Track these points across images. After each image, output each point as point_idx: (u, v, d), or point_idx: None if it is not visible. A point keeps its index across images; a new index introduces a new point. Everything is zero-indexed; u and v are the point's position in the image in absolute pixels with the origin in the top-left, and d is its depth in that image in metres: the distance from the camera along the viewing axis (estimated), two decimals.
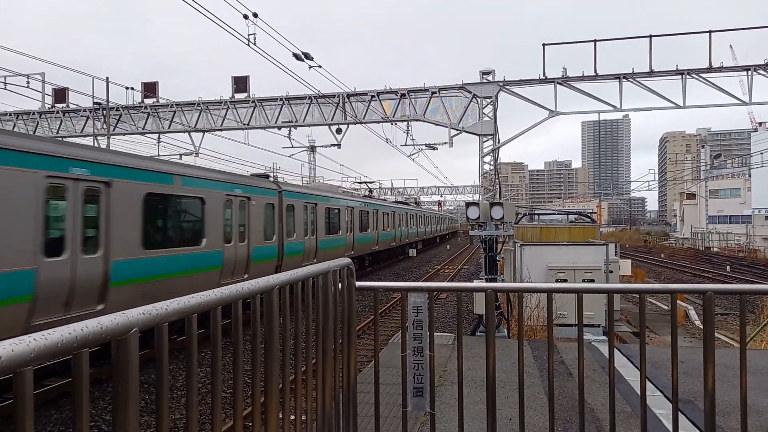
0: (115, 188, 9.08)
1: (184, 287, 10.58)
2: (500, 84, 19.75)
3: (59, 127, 24.40)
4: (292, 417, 2.53)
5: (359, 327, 13.62)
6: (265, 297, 2.22)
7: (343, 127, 22.15)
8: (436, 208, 72.20)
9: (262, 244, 14.26)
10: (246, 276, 13.25)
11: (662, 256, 47.14)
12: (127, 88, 22.66)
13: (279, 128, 22.43)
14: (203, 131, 22.98)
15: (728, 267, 34.18)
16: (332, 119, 21.60)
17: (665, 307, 19.77)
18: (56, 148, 8.33)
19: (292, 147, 25.07)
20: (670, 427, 3.13)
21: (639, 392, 2.89)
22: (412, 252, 38.83)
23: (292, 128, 22.77)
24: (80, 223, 8.50)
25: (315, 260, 17.97)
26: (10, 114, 24.96)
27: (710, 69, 18.20)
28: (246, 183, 14.00)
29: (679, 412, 2.97)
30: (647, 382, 3.02)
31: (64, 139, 20.06)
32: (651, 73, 18.48)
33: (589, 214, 23.57)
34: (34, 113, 24.64)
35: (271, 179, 16.85)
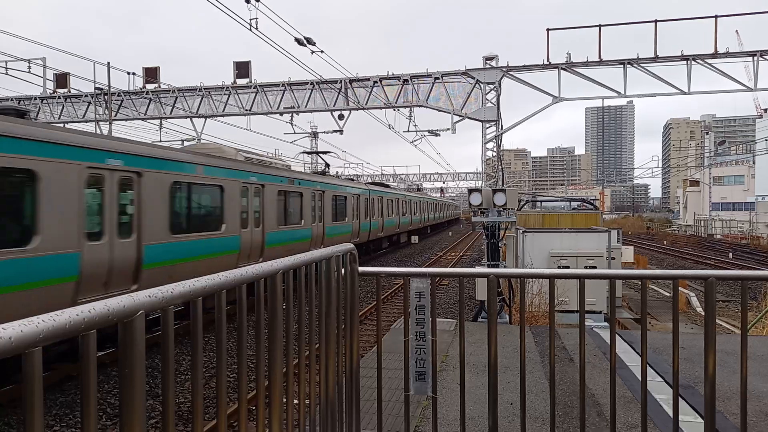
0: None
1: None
2: (504, 69, 19.62)
3: (61, 113, 24.36)
4: (296, 401, 2.56)
5: (362, 313, 13.69)
6: (269, 281, 2.23)
7: (346, 113, 22.07)
8: (439, 195, 72.14)
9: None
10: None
11: (665, 243, 47.11)
12: (128, 73, 22.60)
13: (281, 114, 22.37)
14: (205, 117, 22.92)
15: (731, 254, 34.15)
16: (334, 105, 21.52)
17: (667, 294, 19.81)
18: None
19: (294, 133, 25.06)
20: (670, 412, 3.15)
21: (640, 378, 2.91)
22: (415, 238, 38.93)
23: (294, 114, 22.71)
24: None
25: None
26: (12, 99, 24.91)
27: (716, 54, 18.06)
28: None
29: (680, 398, 2.99)
30: (648, 368, 3.04)
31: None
32: (656, 59, 18.33)
33: (591, 201, 23.53)
34: (35, 98, 24.58)
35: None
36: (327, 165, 24.94)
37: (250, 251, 13.42)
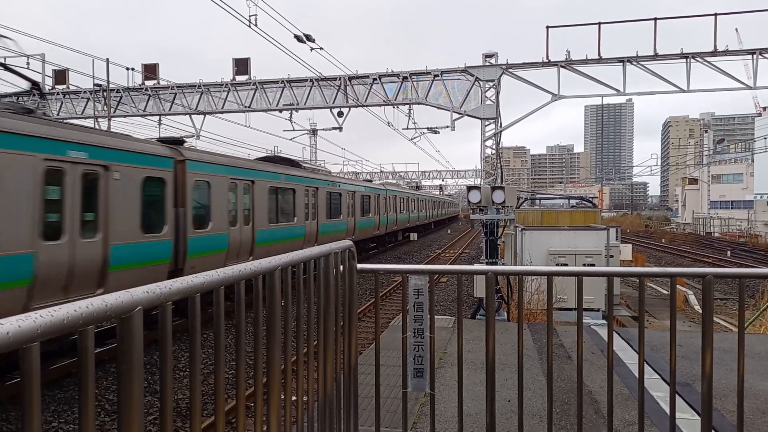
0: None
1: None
2: (503, 67, 19.60)
3: (59, 109, 24.30)
4: (294, 398, 2.56)
5: (360, 310, 13.70)
6: (267, 278, 2.23)
7: (345, 111, 22.06)
8: (437, 192, 72.19)
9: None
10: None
11: (663, 241, 47.15)
12: (127, 68, 22.54)
13: (280, 111, 22.35)
14: (204, 113, 22.89)
15: (729, 252, 34.19)
16: (334, 102, 21.50)
17: (665, 292, 19.84)
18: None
19: (294, 130, 25.02)
20: (667, 409, 3.16)
21: (637, 375, 2.92)
22: (413, 236, 38.93)
23: (294, 111, 22.69)
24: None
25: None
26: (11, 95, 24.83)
27: (715, 52, 18.06)
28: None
29: (677, 395, 3.00)
30: (645, 365, 3.05)
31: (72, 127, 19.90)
32: (655, 57, 18.33)
33: (590, 199, 23.55)
34: (34, 94, 24.49)
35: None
36: (39, 93, 12.29)
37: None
